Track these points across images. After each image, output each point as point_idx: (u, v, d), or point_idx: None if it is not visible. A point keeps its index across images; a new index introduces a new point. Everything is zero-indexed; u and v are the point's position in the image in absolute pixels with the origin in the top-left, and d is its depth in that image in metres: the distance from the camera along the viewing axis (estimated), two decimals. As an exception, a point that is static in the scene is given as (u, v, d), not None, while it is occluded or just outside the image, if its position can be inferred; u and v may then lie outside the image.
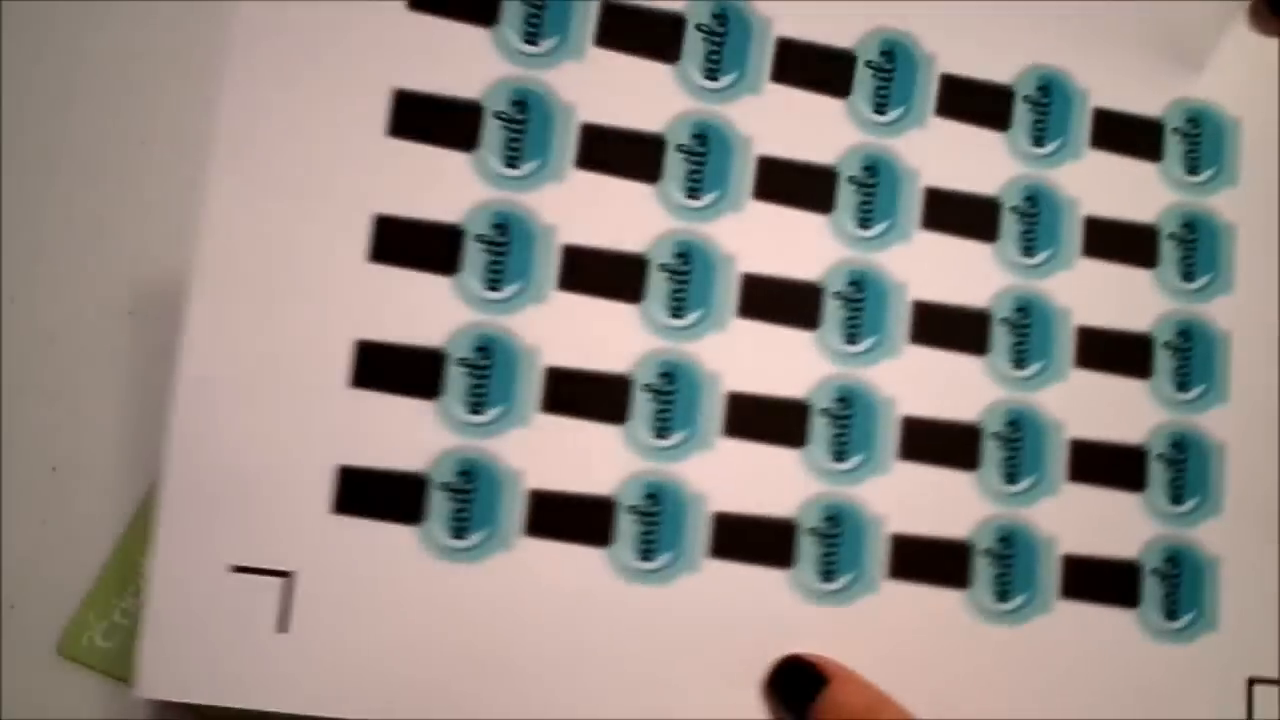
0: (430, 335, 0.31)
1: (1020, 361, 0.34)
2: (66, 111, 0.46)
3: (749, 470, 0.33)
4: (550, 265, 0.32)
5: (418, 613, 0.31)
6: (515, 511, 0.31)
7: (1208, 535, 0.34)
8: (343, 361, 0.31)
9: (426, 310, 0.31)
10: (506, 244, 0.32)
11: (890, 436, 0.33)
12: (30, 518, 0.39)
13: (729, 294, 0.33)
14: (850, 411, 0.33)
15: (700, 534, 0.32)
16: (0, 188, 0.45)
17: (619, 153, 0.33)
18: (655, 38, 0.33)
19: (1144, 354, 0.35)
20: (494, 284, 0.32)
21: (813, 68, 0.34)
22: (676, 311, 0.33)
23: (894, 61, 0.34)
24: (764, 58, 0.34)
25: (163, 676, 0.30)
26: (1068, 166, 0.35)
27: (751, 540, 0.32)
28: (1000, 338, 0.34)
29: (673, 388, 0.32)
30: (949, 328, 0.34)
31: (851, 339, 0.33)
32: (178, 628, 0.30)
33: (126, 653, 0.37)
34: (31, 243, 0.44)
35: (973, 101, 0.35)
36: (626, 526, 0.32)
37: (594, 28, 0.33)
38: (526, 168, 0.32)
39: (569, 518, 0.32)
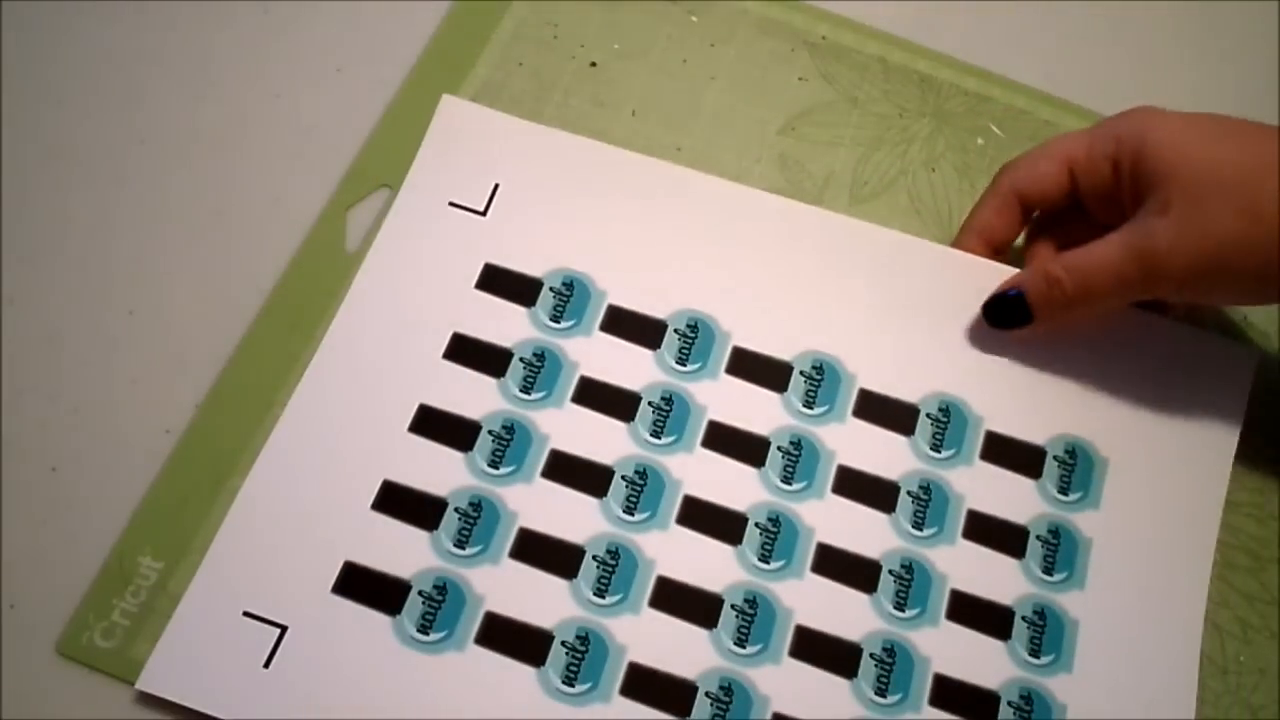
0: (438, 490, 0.40)
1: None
2: (66, 111, 0.46)
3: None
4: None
5: (373, 683, 0.38)
6: (473, 623, 0.38)
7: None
8: (372, 492, 0.40)
9: (439, 475, 0.41)
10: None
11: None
12: (30, 518, 0.39)
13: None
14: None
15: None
16: (0, 188, 0.45)
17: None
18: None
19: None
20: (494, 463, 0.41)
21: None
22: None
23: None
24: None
25: (163, 678, 0.37)
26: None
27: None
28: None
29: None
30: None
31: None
32: (189, 645, 0.38)
33: (126, 652, 0.37)
34: (31, 243, 0.44)
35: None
36: (558, 655, 0.38)
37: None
38: None
39: (514, 638, 0.38)
